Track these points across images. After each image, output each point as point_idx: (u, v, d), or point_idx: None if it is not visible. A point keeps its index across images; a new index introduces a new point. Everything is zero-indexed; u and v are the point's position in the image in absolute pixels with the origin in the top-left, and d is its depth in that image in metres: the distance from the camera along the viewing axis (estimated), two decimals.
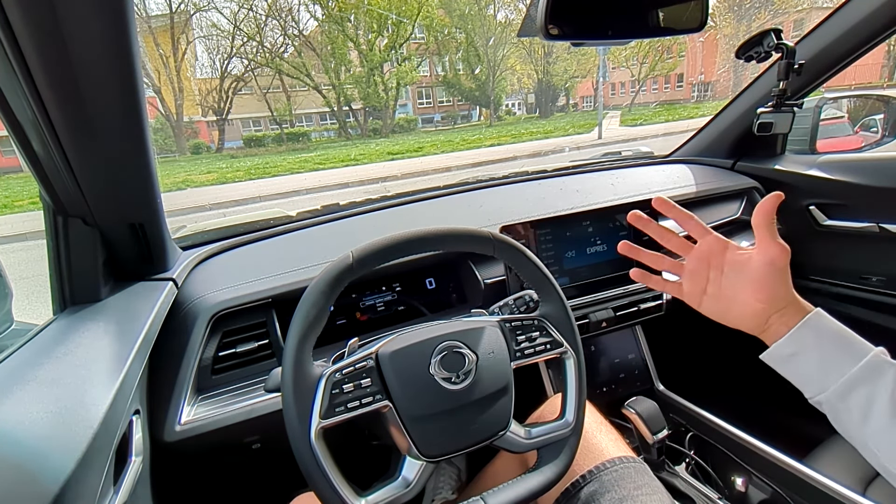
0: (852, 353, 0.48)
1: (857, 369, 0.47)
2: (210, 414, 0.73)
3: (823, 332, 0.51)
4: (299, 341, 0.52)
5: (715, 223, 1.29)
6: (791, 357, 0.51)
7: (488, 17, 22.48)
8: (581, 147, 11.43)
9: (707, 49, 23.96)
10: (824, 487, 0.74)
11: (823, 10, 4.92)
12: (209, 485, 0.94)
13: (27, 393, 0.46)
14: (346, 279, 0.55)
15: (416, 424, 0.54)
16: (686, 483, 0.95)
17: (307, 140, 21.16)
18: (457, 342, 0.58)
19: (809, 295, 1.43)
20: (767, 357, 0.53)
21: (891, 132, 1.36)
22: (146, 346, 0.64)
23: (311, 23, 23.89)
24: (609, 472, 0.65)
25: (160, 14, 18.59)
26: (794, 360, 0.51)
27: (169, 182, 11.52)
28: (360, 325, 0.97)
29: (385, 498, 0.52)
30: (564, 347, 0.64)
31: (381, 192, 1.43)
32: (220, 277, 0.89)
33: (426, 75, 25.01)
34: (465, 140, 15.79)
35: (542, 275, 0.65)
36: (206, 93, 20.63)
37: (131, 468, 0.56)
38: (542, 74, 24.23)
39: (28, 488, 0.37)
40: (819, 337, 0.50)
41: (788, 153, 1.40)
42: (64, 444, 0.41)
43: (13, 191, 10.92)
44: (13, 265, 4.42)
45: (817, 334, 0.50)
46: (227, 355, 0.82)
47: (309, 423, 0.50)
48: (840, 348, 0.49)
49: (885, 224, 1.14)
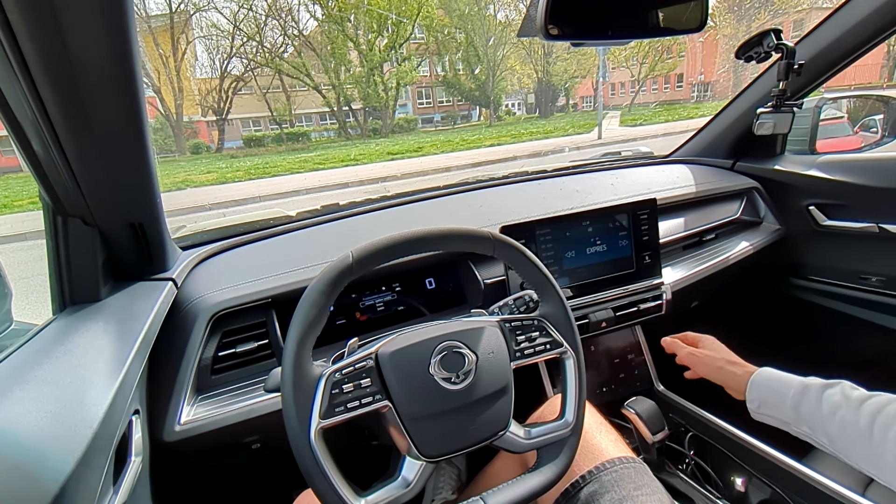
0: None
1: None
2: (210, 414, 0.73)
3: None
4: (299, 341, 0.51)
5: (715, 223, 1.29)
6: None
7: (488, 17, 22.47)
8: (581, 147, 11.44)
9: (707, 49, 23.96)
10: (824, 487, 0.74)
11: (823, 11, 4.93)
12: (209, 485, 0.94)
13: (27, 393, 0.46)
14: (346, 279, 0.55)
15: (416, 424, 0.54)
16: (686, 483, 0.95)
17: (307, 140, 21.14)
18: (456, 342, 0.58)
19: (809, 295, 1.44)
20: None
21: (890, 132, 1.36)
22: (146, 346, 0.64)
23: (311, 23, 23.91)
24: (609, 473, 0.65)
25: (160, 14, 18.58)
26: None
27: (169, 182, 11.51)
28: (360, 325, 0.97)
29: (385, 498, 0.52)
30: (564, 347, 0.64)
31: (380, 192, 1.44)
32: (219, 277, 0.89)
33: (426, 75, 25.01)
34: (464, 140, 15.79)
35: (542, 275, 0.65)
36: (205, 93, 20.60)
37: (131, 468, 0.56)
38: (542, 74, 24.23)
39: (28, 488, 0.37)
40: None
41: (788, 153, 1.40)
42: (63, 444, 0.41)
43: (13, 191, 10.91)
44: (13, 265, 4.41)
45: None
46: (227, 355, 0.82)
47: (309, 423, 0.50)
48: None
49: (884, 224, 1.14)
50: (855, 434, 0.59)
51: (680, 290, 1.11)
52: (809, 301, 1.38)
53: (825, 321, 1.37)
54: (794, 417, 0.67)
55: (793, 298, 1.42)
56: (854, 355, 1.31)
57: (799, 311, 1.43)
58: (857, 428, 0.59)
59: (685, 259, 1.22)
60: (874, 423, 0.57)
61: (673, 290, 1.10)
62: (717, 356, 0.82)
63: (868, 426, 0.58)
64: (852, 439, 0.59)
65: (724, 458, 0.93)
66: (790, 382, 0.70)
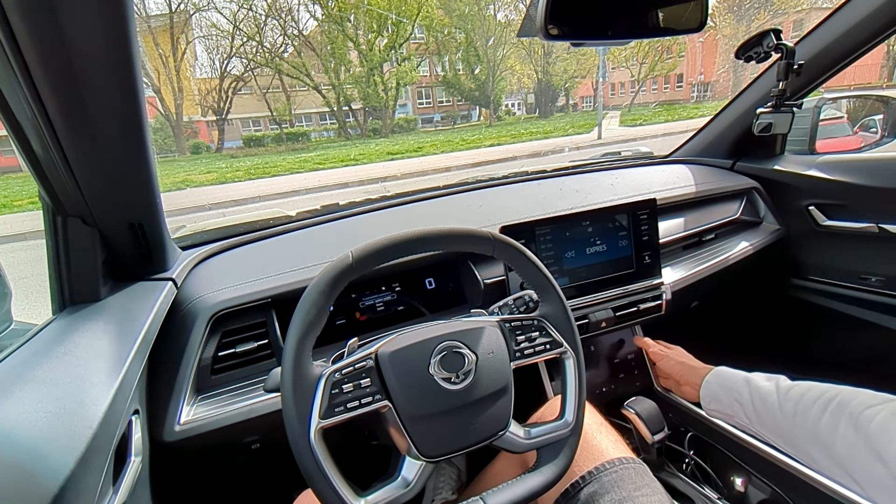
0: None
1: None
2: (209, 414, 0.73)
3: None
4: (299, 341, 0.51)
5: (714, 223, 1.29)
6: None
7: (488, 17, 22.47)
8: (581, 147, 11.44)
9: (707, 49, 23.97)
10: (824, 487, 0.74)
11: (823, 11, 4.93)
12: (209, 485, 0.94)
13: (26, 393, 0.46)
14: (346, 279, 0.55)
15: (416, 424, 0.54)
16: (686, 483, 0.95)
17: (307, 140, 21.13)
18: (456, 342, 0.58)
19: (809, 295, 1.44)
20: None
21: (890, 132, 1.36)
22: (145, 346, 0.64)
23: (311, 23, 23.91)
24: (609, 473, 0.65)
25: (160, 14, 18.58)
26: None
27: (168, 182, 11.51)
28: (360, 325, 0.97)
29: (385, 498, 0.52)
30: (564, 347, 0.64)
31: (380, 192, 1.43)
32: (219, 277, 0.89)
33: (426, 75, 25.00)
34: (464, 140, 15.79)
35: (542, 275, 0.65)
36: (205, 93, 20.60)
37: (130, 468, 0.56)
38: (542, 75, 24.22)
39: (27, 488, 0.37)
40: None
41: (788, 153, 1.40)
42: (63, 444, 0.41)
43: (12, 190, 10.90)
44: (12, 265, 4.41)
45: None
46: (227, 355, 0.82)
47: (308, 423, 0.50)
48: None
49: (884, 224, 1.14)
50: (773, 411, 0.70)
51: (680, 290, 1.11)
52: (809, 301, 1.38)
53: (825, 321, 1.37)
54: (738, 410, 0.77)
55: (792, 298, 1.42)
56: (854, 355, 1.31)
57: (798, 311, 1.43)
58: (777, 407, 0.70)
59: (685, 259, 1.22)
60: (794, 403, 0.68)
61: (673, 290, 1.10)
62: (681, 357, 0.97)
63: (785, 405, 0.69)
64: (771, 414, 0.71)
65: (723, 458, 0.93)
66: (735, 378, 0.79)
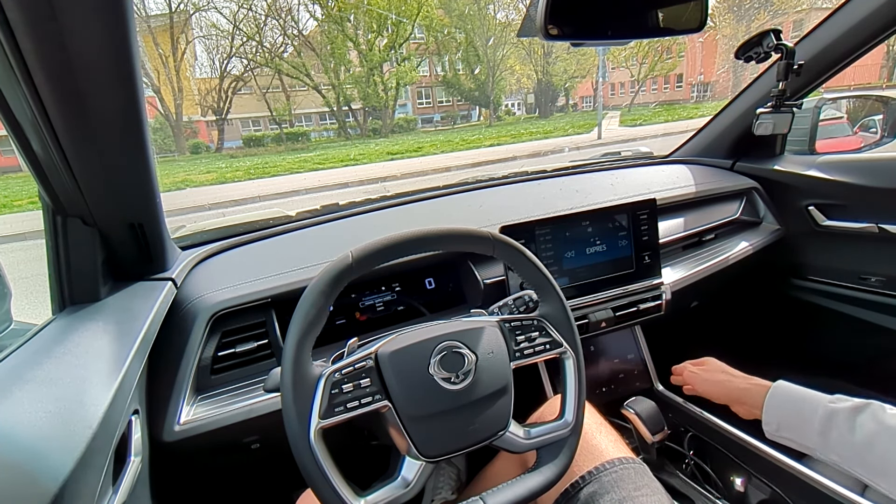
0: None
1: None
2: (209, 414, 0.73)
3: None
4: (298, 341, 0.51)
5: (714, 223, 1.29)
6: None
7: (488, 17, 22.45)
8: (580, 147, 11.43)
9: (706, 49, 23.96)
10: (823, 488, 0.74)
11: (823, 11, 4.93)
12: (208, 485, 0.94)
13: (26, 393, 0.46)
14: (346, 279, 0.55)
15: (416, 424, 0.54)
16: (685, 483, 0.95)
17: (307, 140, 21.11)
18: (456, 342, 0.58)
19: (809, 295, 1.44)
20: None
21: (890, 132, 1.36)
22: (145, 346, 0.64)
23: (311, 23, 23.88)
24: (609, 473, 0.65)
25: (160, 14, 18.55)
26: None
27: (168, 182, 11.50)
28: (360, 324, 0.97)
29: (384, 498, 0.52)
30: (564, 347, 0.64)
31: (380, 192, 1.43)
32: (219, 277, 0.89)
33: (426, 75, 24.99)
34: (464, 140, 15.77)
35: (542, 275, 0.65)
36: (205, 92, 20.58)
37: (130, 468, 0.56)
38: (542, 75, 24.21)
39: (27, 488, 0.37)
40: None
41: (788, 153, 1.40)
42: (63, 444, 0.41)
43: (12, 190, 10.90)
44: (12, 265, 4.41)
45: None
46: (227, 355, 0.82)
47: (308, 423, 0.50)
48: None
49: (884, 224, 1.15)
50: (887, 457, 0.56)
51: (679, 291, 1.11)
52: (809, 301, 1.38)
53: (825, 321, 1.37)
54: (822, 444, 0.63)
55: (792, 299, 1.42)
56: (854, 355, 1.31)
57: (798, 312, 1.43)
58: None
59: (685, 259, 1.22)
60: None
61: (672, 291, 1.10)
62: (717, 375, 0.84)
63: None
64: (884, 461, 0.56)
65: (723, 458, 0.93)
66: (814, 403, 0.65)
